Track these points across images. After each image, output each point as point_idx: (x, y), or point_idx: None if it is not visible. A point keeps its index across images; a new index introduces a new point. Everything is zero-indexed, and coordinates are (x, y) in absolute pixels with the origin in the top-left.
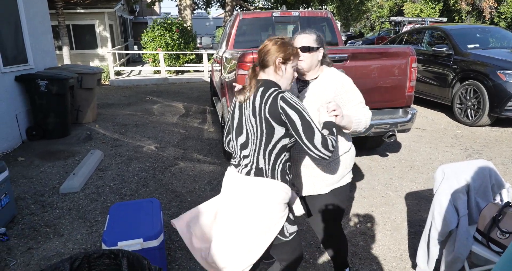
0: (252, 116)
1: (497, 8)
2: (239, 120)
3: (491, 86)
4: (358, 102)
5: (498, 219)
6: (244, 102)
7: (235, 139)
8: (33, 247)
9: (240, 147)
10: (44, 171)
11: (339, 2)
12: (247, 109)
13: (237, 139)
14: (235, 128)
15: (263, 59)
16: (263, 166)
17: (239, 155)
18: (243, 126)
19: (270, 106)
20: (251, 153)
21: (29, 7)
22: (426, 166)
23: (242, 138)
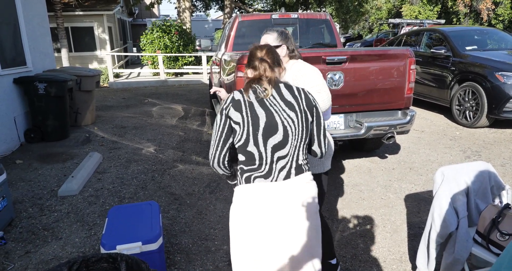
0: (291, 111)
1: (494, 10)
2: (269, 119)
3: (489, 88)
4: (312, 86)
5: (498, 221)
6: (266, 100)
7: (262, 142)
8: (31, 251)
9: (273, 148)
10: (42, 173)
11: (337, 4)
12: (276, 106)
13: (268, 140)
14: (262, 130)
15: (277, 59)
16: (301, 161)
17: (269, 159)
18: (278, 125)
19: (306, 100)
20: (290, 151)
21: (28, 9)
22: (425, 167)
23: (276, 138)
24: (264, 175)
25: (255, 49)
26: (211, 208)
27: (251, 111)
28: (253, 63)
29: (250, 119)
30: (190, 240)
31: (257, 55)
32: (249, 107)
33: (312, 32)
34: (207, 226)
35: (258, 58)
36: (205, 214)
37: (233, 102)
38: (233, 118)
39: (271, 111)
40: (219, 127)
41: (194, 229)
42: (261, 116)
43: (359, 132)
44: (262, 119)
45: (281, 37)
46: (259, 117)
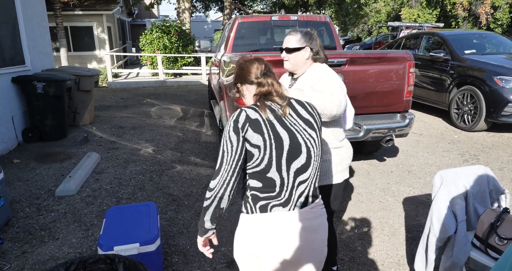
0: (312, 130)
1: (493, 14)
2: (293, 140)
3: (487, 91)
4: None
5: (497, 225)
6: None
7: (286, 167)
8: (28, 251)
9: (296, 173)
10: (40, 173)
11: (337, 6)
12: (296, 125)
13: (292, 164)
14: (286, 153)
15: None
16: (317, 184)
17: (291, 185)
18: (301, 146)
19: (318, 116)
20: (311, 174)
21: (27, 8)
22: (424, 170)
23: (300, 161)
24: (283, 203)
25: (249, 63)
26: None
27: (273, 132)
28: (252, 79)
29: (273, 142)
30: (188, 241)
31: (254, 69)
32: (270, 128)
33: None
34: None
35: (258, 73)
36: None
37: (250, 122)
38: (251, 141)
39: (293, 131)
40: (234, 152)
41: (192, 230)
42: (285, 138)
43: (358, 135)
44: (285, 141)
45: (304, 38)
46: (282, 140)
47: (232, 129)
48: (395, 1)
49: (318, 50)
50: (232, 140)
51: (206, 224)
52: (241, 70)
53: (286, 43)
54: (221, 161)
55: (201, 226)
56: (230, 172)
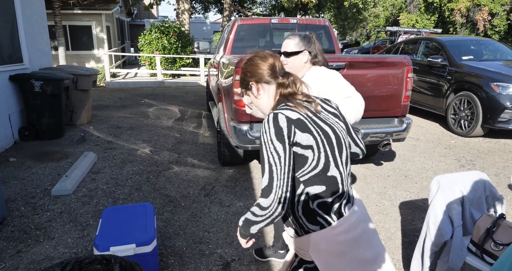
0: (340, 122)
1: (490, 21)
2: (335, 134)
3: (484, 97)
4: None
5: (492, 230)
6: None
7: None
8: (23, 250)
9: (346, 164)
10: (36, 172)
11: (336, 10)
12: (330, 119)
13: (342, 156)
14: (336, 147)
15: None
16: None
17: (345, 179)
18: (341, 138)
19: (339, 108)
20: (349, 165)
21: (26, 6)
22: (420, 175)
23: (344, 152)
24: (347, 199)
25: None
26: (205, 211)
27: (319, 128)
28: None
29: (324, 138)
30: (184, 243)
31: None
32: (315, 125)
33: None
34: (202, 229)
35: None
36: (199, 217)
37: (294, 123)
38: (302, 143)
39: (331, 125)
40: (284, 163)
41: (188, 231)
42: (329, 132)
43: None
44: (331, 135)
45: (303, 42)
46: (329, 134)
47: (276, 138)
48: (394, 6)
49: (316, 53)
50: (278, 150)
51: (252, 232)
52: (255, 67)
53: (285, 47)
54: (270, 176)
55: (245, 233)
56: (284, 186)
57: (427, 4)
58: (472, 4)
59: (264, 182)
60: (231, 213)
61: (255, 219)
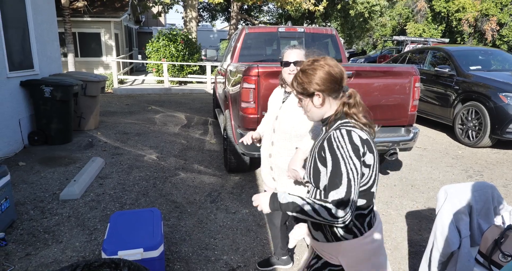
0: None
1: (499, 31)
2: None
3: (492, 108)
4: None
5: (501, 241)
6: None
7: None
8: (31, 253)
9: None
10: (44, 176)
11: (343, 19)
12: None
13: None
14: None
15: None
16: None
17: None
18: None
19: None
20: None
21: (38, 13)
22: (427, 185)
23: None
24: (374, 211)
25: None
26: (211, 218)
27: (376, 150)
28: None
29: (377, 159)
30: (190, 248)
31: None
32: (375, 147)
33: (317, 46)
34: (208, 235)
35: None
36: (205, 223)
37: (365, 143)
38: (366, 161)
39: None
40: (357, 178)
41: (194, 237)
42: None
43: None
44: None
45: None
46: (377, 154)
47: (355, 155)
48: (401, 16)
49: None
50: (356, 166)
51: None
52: (327, 76)
53: (296, 57)
54: (348, 190)
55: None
56: (355, 199)
57: (434, 14)
58: (480, 14)
59: (341, 194)
60: (236, 220)
61: (313, 215)
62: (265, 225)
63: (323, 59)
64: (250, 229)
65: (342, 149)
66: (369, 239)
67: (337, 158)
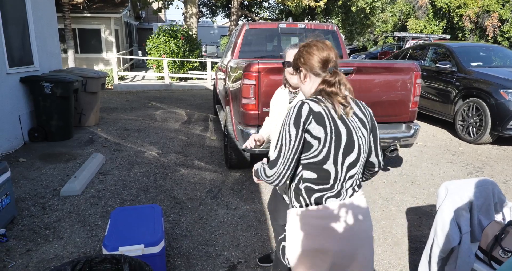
0: (364, 129)
1: (500, 27)
2: (349, 136)
3: (493, 104)
4: None
5: (501, 237)
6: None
7: (341, 160)
8: (32, 249)
9: (348, 167)
10: (45, 172)
11: (344, 15)
12: (353, 122)
13: (345, 159)
14: (343, 148)
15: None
16: (360, 178)
17: (343, 178)
18: (355, 143)
19: (370, 116)
20: (359, 169)
21: (37, 9)
22: (428, 181)
23: (352, 156)
24: (335, 194)
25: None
26: (212, 214)
27: (334, 126)
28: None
29: (333, 136)
30: (190, 244)
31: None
32: (332, 122)
33: None
34: (208, 231)
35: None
36: (206, 219)
37: (314, 114)
38: (313, 132)
39: (350, 128)
40: (294, 143)
41: (195, 233)
42: (343, 133)
43: None
44: (344, 136)
45: None
46: (341, 134)
47: (293, 123)
48: (402, 12)
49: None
50: (291, 133)
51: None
52: (309, 56)
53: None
54: (279, 153)
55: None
56: (286, 165)
57: (436, 10)
58: (481, 10)
59: (274, 156)
60: (237, 216)
61: (261, 175)
62: (265, 221)
63: (315, 41)
64: (250, 225)
65: (287, 117)
66: (314, 214)
67: (282, 125)
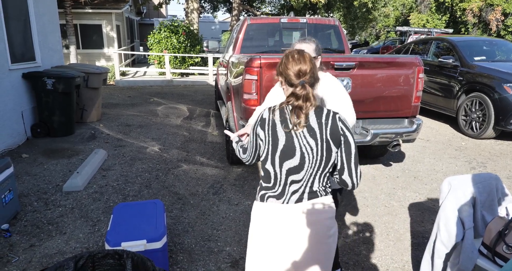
0: (312, 139)
1: (503, 21)
2: (288, 142)
3: (497, 99)
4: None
5: (504, 233)
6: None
7: (278, 163)
8: (36, 244)
9: (288, 171)
10: (47, 168)
11: (345, 10)
12: (296, 134)
13: (283, 163)
14: (279, 151)
15: (316, 76)
16: (317, 188)
17: (283, 181)
18: (296, 150)
19: (331, 129)
20: (305, 177)
21: (39, 5)
22: (430, 177)
23: (292, 162)
24: (277, 195)
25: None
26: (214, 209)
27: (272, 132)
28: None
29: (270, 139)
30: (193, 240)
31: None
32: (271, 128)
33: (320, 37)
34: (210, 226)
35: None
36: (208, 215)
37: (261, 120)
38: (259, 135)
39: (291, 135)
40: (252, 143)
41: (197, 229)
42: (281, 138)
43: (365, 139)
44: (281, 141)
45: (318, 48)
46: (278, 139)
47: (253, 125)
48: (404, 6)
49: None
50: (251, 131)
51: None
52: (285, 67)
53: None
54: (248, 145)
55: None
56: (251, 156)
57: (438, 4)
58: (484, 4)
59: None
60: (239, 211)
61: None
62: None
63: (294, 52)
64: None
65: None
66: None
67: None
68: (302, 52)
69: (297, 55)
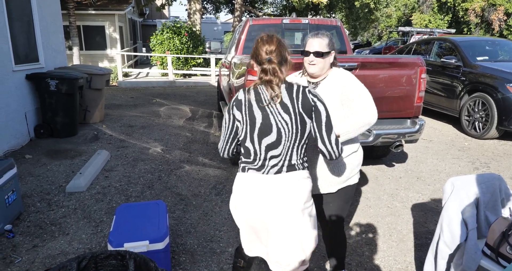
0: (285, 114)
1: (506, 21)
2: (265, 120)
3: (500, 99)
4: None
5: (508, 234)
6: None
7: (257, 141)
8: (38, 245)
9: (267, 147)
10: (51, 169)
11: (347, 10)
12: (273, 108)
13: (262, 140)
14: (257, 129)
15: (285, 56)
16: (295, 161)
17: (263, 156)
18: (272, 126)
19: (303, 101)
20: (283, 152)
21: (42, 6)
22: (433, 177)
23: (270, 138)
24: (257, 168)
25: (262, 44)
26: (216, 210)
27: (249, 111)
28: (260, 61)
29: (248, 119)
30: (195, 241)
31: (263, 52)
32: (248, 108)
33: None
34: (213, 227)
35: (265, 58)
36: (210, 216)
37: (236, 101)
38: (236, 116)
39: (267, 112)
40: (227, 124)
41: (199, 230)
42: (258, 117)
43: (367, 139)
44: (258, 120)
45: (331, 42)
46: (255, 118)
47: (228, 108)
48: (406, 6)
49: (335, 55)
50: (225, 117)
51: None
52: (255, 47)
53: (317, 47)
54: (221, 133)
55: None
56: (224, 142)
57: (440, 4)
58: (487, 4)
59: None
60: None
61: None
62: None
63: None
64: None
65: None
66: (237, 179)
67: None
68: (272, 35)
69: (266, 37)
